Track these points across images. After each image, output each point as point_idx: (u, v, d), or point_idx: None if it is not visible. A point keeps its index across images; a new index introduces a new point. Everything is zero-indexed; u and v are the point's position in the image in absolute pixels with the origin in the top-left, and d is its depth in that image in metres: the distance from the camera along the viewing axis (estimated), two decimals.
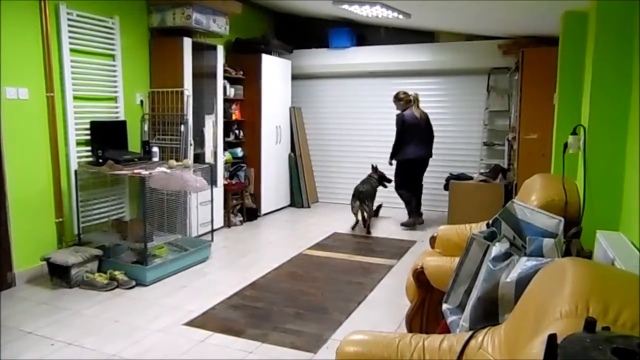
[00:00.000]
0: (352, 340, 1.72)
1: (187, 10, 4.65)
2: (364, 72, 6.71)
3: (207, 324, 3.13)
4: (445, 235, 3.06)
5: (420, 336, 1.70)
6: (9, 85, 3.60)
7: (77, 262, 3.71)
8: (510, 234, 2.04)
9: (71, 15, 4.02)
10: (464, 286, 2.02)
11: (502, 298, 1.65)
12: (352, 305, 3.47)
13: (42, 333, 2.97)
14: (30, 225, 3.82)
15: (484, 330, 1.59)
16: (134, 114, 4.75)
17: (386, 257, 4.62)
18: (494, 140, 6.30)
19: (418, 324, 2.63)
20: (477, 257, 2.00)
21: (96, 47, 4.30)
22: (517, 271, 1.64)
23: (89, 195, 4.23)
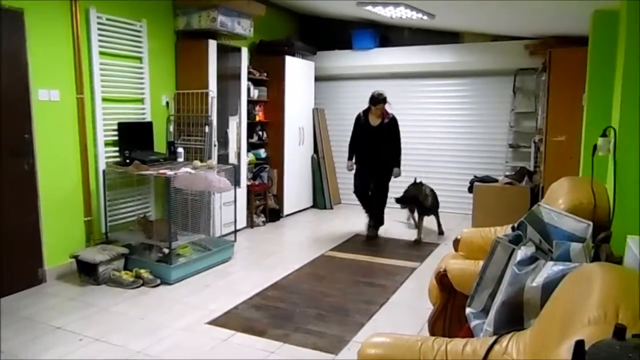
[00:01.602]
0: (374, 342, 1.72)
1: (212, 13, 4.71)
2: (387, 73, 6.68)
3: (229, 323, 3.16)
4: (469, 238, 3.02)
5: (442, 340, 1.68)
6: (41, 87, 3.71)
7: (104, 260, 3.80)
8: (537, 237, 2.00)
9: (101, 19, 4.13)
10: (488, 290, 1.99)
11: (528, 303, 1.62)
12: (374, 307, 3.46)
13: (71, 328, 3.05)
14: (60, 224, 3.92)
15: (508, 335, 1.57)
16: (159, 115, 4.84)
17: (409, 259, 4.58)
18: (519, 142, 6.19)
19: (440, 328, 2.60)
20: (502, 260, 1.97)
21: (124, 50, 4.40)
22: (544, 276, 1.60)
23: (116, 195, 4.33)
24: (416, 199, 5.24)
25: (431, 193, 5.41)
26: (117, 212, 4.36)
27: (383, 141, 5.15)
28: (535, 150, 5.84)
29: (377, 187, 5.30)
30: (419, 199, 5.23)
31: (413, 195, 5.23)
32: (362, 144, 5.25)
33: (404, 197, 5.26)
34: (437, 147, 6.64)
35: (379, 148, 5.16)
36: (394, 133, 5.20)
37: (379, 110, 5.12)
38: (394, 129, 5.20)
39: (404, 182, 5.51)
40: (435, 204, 5.45)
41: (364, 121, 5.22)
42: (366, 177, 5.28)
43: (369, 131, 5.18)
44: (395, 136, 5.21)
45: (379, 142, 5.16)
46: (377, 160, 5.20)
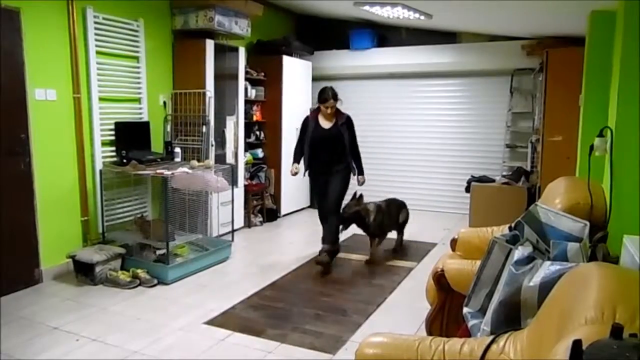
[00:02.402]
0: (372, 342, 1.72)
1: (209, 13, 4.71)
2: (385, 73, 6.68)
3: (227, 323, 3.15)
4: (467, 238, 3.03)
5: (440, 339, 1.68)
6: (38, 86, 3.70)
7: (101, 260, 3.79)
8: (534, 237, 2.01)
9: (97, 19, 4.11)
10: (486, 290, 1.99)
11: (525, 302, 1.63)
12: (372, 307, 3.46)
13: (68, 329, 3.04)
14: (57, 224, 3.91)
15: (505, 335, 1.57)
16: (157, 115, 4.83)
17: (406, 259, 4.59)
18: (516, 142, 6.20)
19: (438, 327, 2.60)
20: (499, 260, 1.97)
21: (121, 50, 4.39)
22: (541, 275, 1.61)
23: (113, 195, 4.32)
24: (358, 217, 4.41)
25: (378, 209, 4.52)
26: (114, 212, 4.35)
27: (339, 146, 4.33)
28: (532, 150, 5.86)
29: (333, 197, 4.35)
30: (361, 215, 4.40)
31: (354, 213, 4.38)
32: (314, 151, 4.38)
33: (341, 217, 4.37)
34: (434, 147, 6.65)
35: (335, 154, 4.35)
36: (351, 135, 4.41)
37: (330, 109, 4.30)
38: (351, 130, 4.41)
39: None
40: (385, 223, 4.61)
41: (313, 124, 4.37)
42: (325, 187, 4.40)
43: (320, 135, 4.34)
44: (353, 139, 4.43)
45: (334, 147, 4.33)
46: (333, 168, 4.36)
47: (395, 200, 4.91)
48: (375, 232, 4.53)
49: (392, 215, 4.77)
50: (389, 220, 4.68)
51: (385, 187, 6.97)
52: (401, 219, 4.88)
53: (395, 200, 4.91)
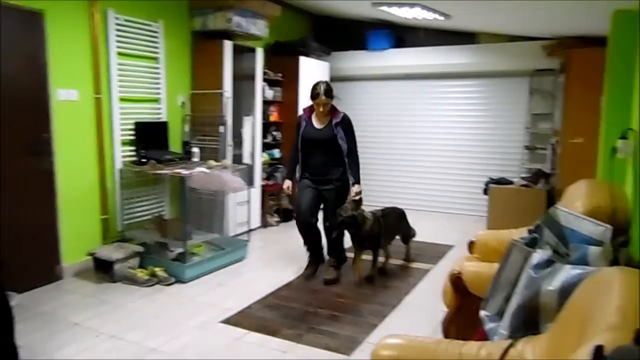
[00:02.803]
0: (388, 343, 1.71)
1: (228, 14, 4.74)
2: (402, 74, 6.66)
3: (243, 323, 3.17)
4: (484, 240, 3.00)
5: (457, 342, 1.67)
6: (60, 87, 3.77)
7: (120, 257, 3.85)
8: (553, 240, 1.98)
9: (119, 20, 4.18)
10: (504, 293, 1.97)
11: (544, 307, 1.61)
12: (387, 308, 3.45)
13: (88, 325, 3.09)
14: (77, 222, 3.98)
15: (524, 339, 1.55)
16: (175, 115, 4.88)
17: (423, 261, 4.56)
18: (536, 144, 6.11)
19: (454, 330, 2.58)
20: (518, 263, 1.95)
21: (141, 50, 4.45)
22: (561, 279, 1.58)
23: (131, 194, 4.38)
24: (353, 223, 3.77)
25: (374, 219, 3.89)
26: (133, 210, 4.41)
27: (334, 149, 3.88)
28: (552, 152, 5.77)
29: (331, 212, 3.86)
30: (357, 222, 3.76)
31: (350, 217, 3.74)
32: (306, 155, 3.96)
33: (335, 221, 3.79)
34: (451, 148, 6.59)
35: (330, 158, 3.89)
36: (349, 136, 3.92)
37: (324, 107, 3.83)
38: (348, 131, 3.92)
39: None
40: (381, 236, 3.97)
41: (306, 124, 3.96)
42: (314, 199, 3.92)
43: (313, 136, 3.90)
44: (350, 141, 3.92)
45: (328, 151, 3.88)
46: (327, 176, 3.90)
47: (394, 210, 4.30)
48: (367, 244, 3.91)
49: (390, 228, 4.14)
50: (385, 233, 4.03)
51: (401, 188, 6.95)
52: (402, 231, 4.38)
53: (394, 210, 4.30)
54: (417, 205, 6.84)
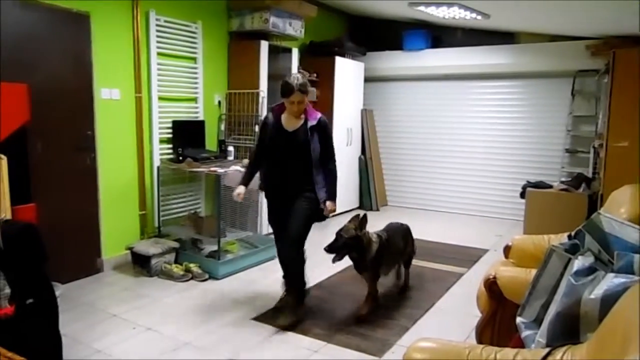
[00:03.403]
0: (420, 347, 1.69)
1: (265, 14, 4.80)
2: (439, 74, 6.56)
3: (274, 321, 3.20)
4: (521, 245, 2.93)
5: (492, 348, 1.63)
6: (103, 86, 3.91)
7: (156, 252, 3.95)
8: (595, 247, 1.91)
9: (159, 21, 4.29)
10: (541, 300, 1.92)
11: (585, 315, 1.55)
12: (419, 312, 3.41)
13: (126, 317, 3.19)
14: (117, 216, 4.11)
15: (562, 348, 1.51)
16: (212, 114, 4.97)
17: (456, 264, 4.48)
18: (577, 147, 5.91)
19: (489, 336, 2.52)
20: (557, 270, 1.89)
21: (180, 51, 4.56)
22: (603, 288, 1.53)
23: (168, 191, 4.49)
24: (357, 246, 3.17)
25: (380, 241, 3.30)
26: (170, 207, 4.52)
27: (306, 158, 3.13)
28: (594, 155, 5.57)
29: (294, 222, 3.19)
30: (362, 244, 3.18)
31: (353, 238, 3.15)
32: (272, 163, 3.24)
33: (336, 244, 3.19)
34: (487, 150, 6.46)
35: (302, 169, 3.15)
36: (324, 143, 3.17)
37: (299, 105, 3.09)
38: (324, 137, 3.17)
39: None
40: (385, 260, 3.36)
41: (273, 124, 3.20)
42: (284, 216, 3.23)
43: (283, 140, 3.16)
44: (326, 148, 3.18)
45: (301, 160, 3.14)
46: (298, 191, 3.18)
47: (399, 227, 3.73)
48: (370, 269, 3.27)
49: (396, 249, 3.53)
50: (391, 256, 3.45)
51: (436, 190, 6.86)
52: (408, 251, 3.76)
53: (399, 227, 3.73)
54: (452, 207, 6.74)
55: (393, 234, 3.53)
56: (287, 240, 3.22)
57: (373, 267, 3.27)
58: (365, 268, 3.27)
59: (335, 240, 3.19)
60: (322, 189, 3.20)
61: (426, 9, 5.14)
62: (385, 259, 3.35)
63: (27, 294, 2.22)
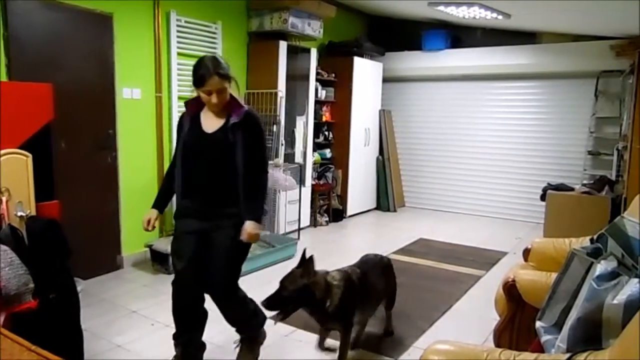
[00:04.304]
0: (437, 349, 1.68)
1: (284, 15, 4.82)
2: (458, 75, 6.50)
3: (290, 320, 3.13)
4: (541, 248, 2.88)
5: (510, 352, 1.61)
6: (125, 86, 3.97)
7: None
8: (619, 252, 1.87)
9: (180, 22, 4.34)
10: (562, 304, 1.88)
11: (607, 321, 1.52)
12: (437, 314, 3.38)
13: (145, 313, 3.24)
14: (137, 214, 4.15)
15: (584, 354, 1.48)
16: None
17: (474, 267, 4.44)
18: (600, 149, 5.79)
19: (507, 340, 2.49)
20: (578, 274, 1.85)
21: (200, 51, 4.59)
22: (627, 293, 1.49)
23: None
24: (307, 297, 2.38)
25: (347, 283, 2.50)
26: None
27: (229, 166, 2.33)
28: (618, 158, 5.45)
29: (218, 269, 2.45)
30: (312, 294, 2.38)
31: (301, 290, 2.36)
32: (188, 172, 2.41)
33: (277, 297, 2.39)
34: (507, 151, 6.38)
35: (224, 180, 2.35)
36: (251, 145, 2.34)
37: (218, 96, 2.28)
38: (250, 136, 2.35)
39: None
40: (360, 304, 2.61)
41: (190, 126, 2.43)
42: (198, 253, 2.41)
43: (200, 145, 2.38)
44: (252, 151, 2.34)
45: (223, 168, 2.34)
46: (219, 207, 2.38)
47: (377, 261, 2.97)
48: (337, 320, 2.52)
49: (373, 293, 2.76)
50: (366, 298, 2.67)
51: (454, 191, 6.80)
52: (389, 290, 2.99)
53: (377, 261, 2.97)
54: (470, 209, 6.67)
55: (368, 270, 2.77)
56: (213, 284, 2.46)
57: (342, 318, 2.50)
58: (327, 321, 2.54)
59: (276, 292, 2.36)
60: (244, 204, 2.34)
61: (446, 9, 5.10)
62: (361, 303, 2.60)
63: (50, 288, 2.27)
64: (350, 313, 2.54)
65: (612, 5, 3.94)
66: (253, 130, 2.38)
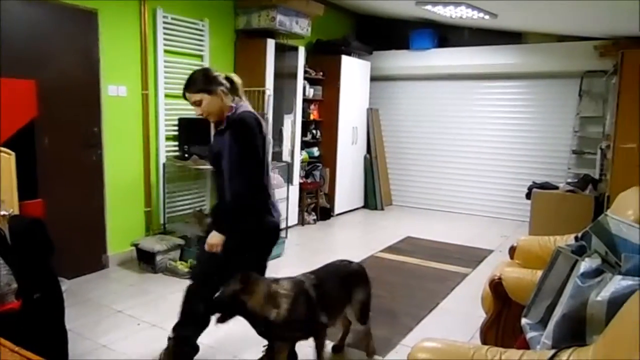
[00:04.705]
0: (424, 347, 1.69)
1: (272, 12, 4.80)
2: (445, 74, 6.54)
3: None
4: (527, 246, 2.92)
5: (497, 349, 1.63)
6: (111, 83, 3.92)
7: (161, 249, 3.96)
8: (602, 249, 1.90)
9: (166, 19, 4.30)
10: (547, 301, 1.91)
11: (591, 317, 1.54)
12: (424, 311, 3.40)
13: (130, 313, 3.21)
14: (122, 213, 4.13)
15: (568, 350, 1.50)
16: None
17: (461, 265, 4.47)
18: (584, 148, 5.88)
19: (493, 337, 2.52)
20: (563, 271, 1.88)
21: (187, 48, 4.56)
22: (610, 290, 1.52)
23: (174, 188, 4.50)
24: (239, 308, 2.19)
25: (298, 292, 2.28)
26: (175, 204, 4.53)
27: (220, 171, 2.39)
28: (601, 157, 5.53)
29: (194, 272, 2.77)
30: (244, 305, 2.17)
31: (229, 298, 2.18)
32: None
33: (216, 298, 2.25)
34: (493, 150, 6.44)
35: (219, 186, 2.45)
36: (232, 150, 2.29)
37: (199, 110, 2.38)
38: (232, 142, 2.29)
39: None
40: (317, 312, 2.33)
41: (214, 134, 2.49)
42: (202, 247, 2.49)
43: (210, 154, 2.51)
44: (234, 157, 2.28)
45: (218, 176, 2.42)
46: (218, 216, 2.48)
47: (344, 268, 2.67)
48: (284, 335, 2.34)
49: (332, 303, 2.45)
50: (321, 312, 2.35)
51: (441, 190, 6.84)
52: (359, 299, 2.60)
53: (344, 268, 2.67)
54: (457, 207, 6.72)
55: (326, 279, 2.45)
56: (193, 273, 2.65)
57: (288, 330, 2.25)
58: (276, 334, 2.30)
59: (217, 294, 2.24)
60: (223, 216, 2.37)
61: (433, 8, 5.12)
62: (310, 317, 2.30)
63: (34, 288, 2.23)
64: (294, 329, 2.30)
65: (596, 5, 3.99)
66: (234, 133, 2.30)
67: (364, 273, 2.69)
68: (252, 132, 2.29)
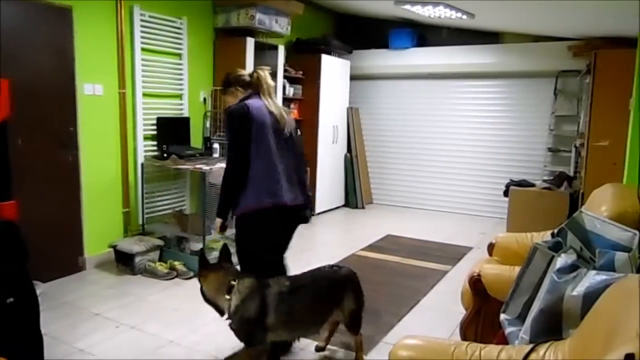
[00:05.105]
0: (406, 344, 1.71)
1: (251, 11, 4.77)
2: (424, 73, 6.61)
3: None
4: (505, 243, 2.96)
5: (476, 345, 1.65)
6: (86, 81, 3.84)
7: (140, 250, 3.91)
8: (578, 245, 1.94)
9: (144, 17, 4.23)
10: (525, 297, 1.95)
11: (567, 312, 1.58)
12: (405, 309, 3.43)
13: (109, 315, 3.15)
14: (100, 214, 4.06)
15: (546, 344, 1.53)
16: (197, 111, 4.93)
17: (441, 262, 4.52)
18: (559, 146, 6.01)
19: (473, 333, 2.55)
20: (540, 267, 1.92)
21: (165, 47, 4.50)
22: (585, 285, 1.56)
23: (153, 188, 4.44)
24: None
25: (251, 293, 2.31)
26: (154, 204, 4.47)
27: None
28: (576, 155, 5.66)
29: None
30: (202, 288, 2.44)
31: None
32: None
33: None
34: (471, 149, 6.52)
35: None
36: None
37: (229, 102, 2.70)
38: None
39: None
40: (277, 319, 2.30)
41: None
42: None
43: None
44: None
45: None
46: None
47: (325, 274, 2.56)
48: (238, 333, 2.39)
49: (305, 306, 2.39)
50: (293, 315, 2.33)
51: (420, 188, 6.91)
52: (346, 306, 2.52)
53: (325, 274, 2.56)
54: (436, 205, 6.79)
55: (300, 287, 2.38)
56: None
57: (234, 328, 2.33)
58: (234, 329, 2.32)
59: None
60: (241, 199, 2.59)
61: (412, 8, 5.16)
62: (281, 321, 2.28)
63: (8, 293, 2.17)
64: (251, 328, 2.26)
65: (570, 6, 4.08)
66: (227, 127, 2.61)
67: (355, 280, 2.59)
68: (229, 124, 2.56)
